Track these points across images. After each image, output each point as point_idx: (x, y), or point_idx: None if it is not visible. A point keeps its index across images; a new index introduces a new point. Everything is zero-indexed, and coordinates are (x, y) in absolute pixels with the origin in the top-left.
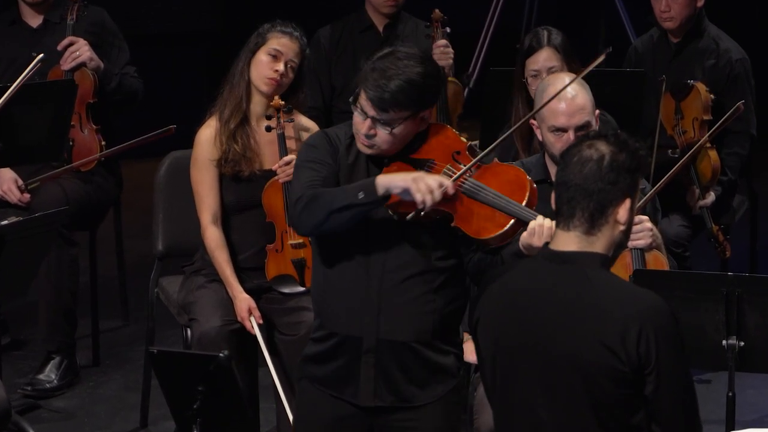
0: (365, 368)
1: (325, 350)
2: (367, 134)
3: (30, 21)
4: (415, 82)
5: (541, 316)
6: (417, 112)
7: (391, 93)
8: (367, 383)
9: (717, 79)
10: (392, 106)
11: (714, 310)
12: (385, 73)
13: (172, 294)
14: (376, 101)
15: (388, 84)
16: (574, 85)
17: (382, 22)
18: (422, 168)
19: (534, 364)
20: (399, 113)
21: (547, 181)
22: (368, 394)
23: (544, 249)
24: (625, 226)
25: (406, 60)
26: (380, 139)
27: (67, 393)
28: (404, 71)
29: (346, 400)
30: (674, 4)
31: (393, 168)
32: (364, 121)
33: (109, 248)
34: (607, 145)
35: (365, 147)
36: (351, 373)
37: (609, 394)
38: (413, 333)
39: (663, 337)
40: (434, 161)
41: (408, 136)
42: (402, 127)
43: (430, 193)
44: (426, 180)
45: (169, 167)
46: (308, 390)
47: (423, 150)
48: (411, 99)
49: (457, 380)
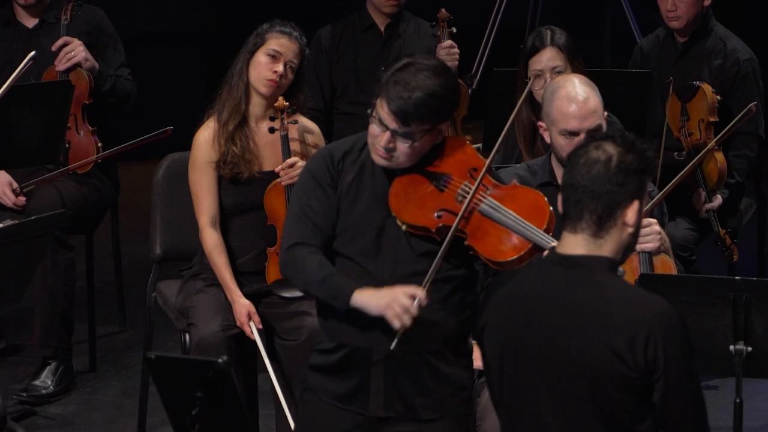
0: (375, 379)
1: (333, 362)
2: (386, 147)
3: (25, 22)
4: (438, 94)
5: (548, 321)
6: (437, 124)
7: (414, 106)
8: (377, 394)
9: (724, 79)
10: (415, 119)
11: (721, 314)
12: (408, 85)
13: (170, 298)
14: (400, 114)
15: (411, 96)
16: (585, 87)
17: (384, 21)
18: (439, 182)
19: (541, 370)
20: (421, 126)
21: (552, 184)
22: (378, 405)
23: (551, 252)
24: (633, 229)
25: (426, 72)
26: (399, 152)
27: (64, 399)
28: (426, 84)
29: (354, 411)
30: (681, 4)
31: (406, 180)
32: (383, 133)
33: (106, 252)
34: (615, 146)
35: (382, 159)
36: (361, 385)
37: (616, 401)
38: (423, 342)
39: (671, 342)
40: (451, 176)
41: (426, 149)
42: (422, 141)
43: (407, 313)
44: (399, 300)
45: (166, 169)
46: (312, 401)
47: (440, 164)
48: (433, 112)
49: (467, 392)
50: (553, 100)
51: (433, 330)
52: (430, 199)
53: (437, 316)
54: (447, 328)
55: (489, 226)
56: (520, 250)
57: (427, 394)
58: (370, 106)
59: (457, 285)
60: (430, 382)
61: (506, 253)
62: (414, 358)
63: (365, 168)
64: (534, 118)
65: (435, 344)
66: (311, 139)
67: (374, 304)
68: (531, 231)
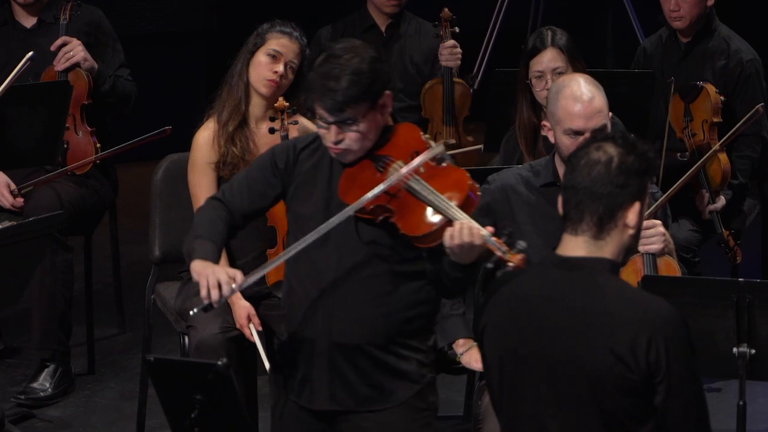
0: (318, 371)
1: (285, 354)
2: (336, 141)
3: (23, 21)
4: (362, 70)
5: (548, 323)
6: (375, 100)
7: (342, 91)
8: (321, 387)
9: (727, 80)
10: (348, 103)
11: (724, 316)
12: (330, 74)
13: (169, 300)
14: (331, 105)
15: (337, 84)
16: (590, 86)
17: (385, 22)
18: (378, 163)
19: (541, 372)
20: (357, 108)
21: (556, 184)
22: (324, 399)
23: (552, 254)
24: (634, 231)
25: (345, 55)
26: (350, 140)
27: (62, 402)
28: (347, 65)
29: (303, 406)
30: (684, 4)
31: (355, 165)
32: (328, 129)
33: (104, 253)
34: (616, 147)
35: (338, 155)
36: (306, 377)
37: (618, 404)
38: (365, 336)
39: (673, 345)
40: (390, 158)
41: (376, 129)
42: (366, 121)
43: (216, 288)
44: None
45: (166, 170)
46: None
47: (386, 147)
48: (363, 89)
49: (420, 386)
50: (558, 99)
51: (376, 324)
52: (370, 180)
53: (382, 311)
54: (391, 323)
55: (413, 204)
56: (433, 225)
57: (375, 386)
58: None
59: (407, 281)
60: (377, 375)
61: (421, 228)
62: (357, 350)
63: (324, 158)
64: (535, 120)
65: (378, 338)
66: None
67: (197, 270)
68: (444, 206)
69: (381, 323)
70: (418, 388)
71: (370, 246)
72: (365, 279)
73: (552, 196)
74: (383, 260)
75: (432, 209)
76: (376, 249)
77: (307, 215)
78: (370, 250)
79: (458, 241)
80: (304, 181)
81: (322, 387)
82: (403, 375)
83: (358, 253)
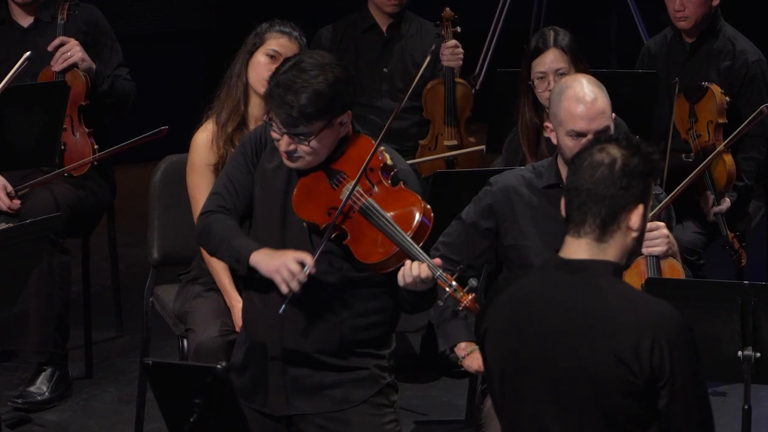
0: (273, 376)
1: (239, 357)
2: (287, 150)
3: (20, 21)
4: (322, 91)
5: (551, 326)
6: (331, 119)
7: (298, 108)
8: (277, 392)
9: (733, 80)
10: (302, 120)
11: (729, 319)
12: (290, 87)
13: (167, 303)
14: (285, 119)
15: (295, 99)
16: (593, 87)
17: (386, 21)
18: (333, 179)
19: (544, 376)
20: (311, 126)
21: (559, 186)
22: (280, 404)
23: (554, 257)
24: (637, 233)
25: (310, 70)
26: (302, 152)
27: (59, 406)
28: (310, 83)
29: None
30: (689, 4)
31: (310, 176)
32: (281, 138)
33: (102, 256)
34: (619, 148)
35: (290, 162)
36: (260, 382)
37: (621, 408)
38: (317, 344)
39: (677, 348)
40: (344, 174)
41: (330, 145)
42: (320, 138)
43: (294, 278)
44: (288, 265)
45: (164, 172)
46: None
47: (341, 160)
48: (321, 110)
49: (380, 385)
50: (561, 100)
51: (327, 332)
52: (324, 196)
53: (334, 319)
54: (344, 330)
55: (366, 228)
56: (384, 254)
57: (331, 391)
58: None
59: (363, 289)
60: (332, 380)
61: (373, 255)
62: (310, 358)
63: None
64: (537, 121)
65: (330, 347)
66: None
67: (265, 265)
68: (398, 236)
69: (332, 331)
70: (378, 388)
71: (324, 255)
72: (317, 287)
73: (554, 198)
74: (337, 268)
75: (384, 236)
76: (329, 258)
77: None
78: (323, 259)
79: (409, 279)
80: (260, 185)
81: (277, 392)
82: (358, 381)
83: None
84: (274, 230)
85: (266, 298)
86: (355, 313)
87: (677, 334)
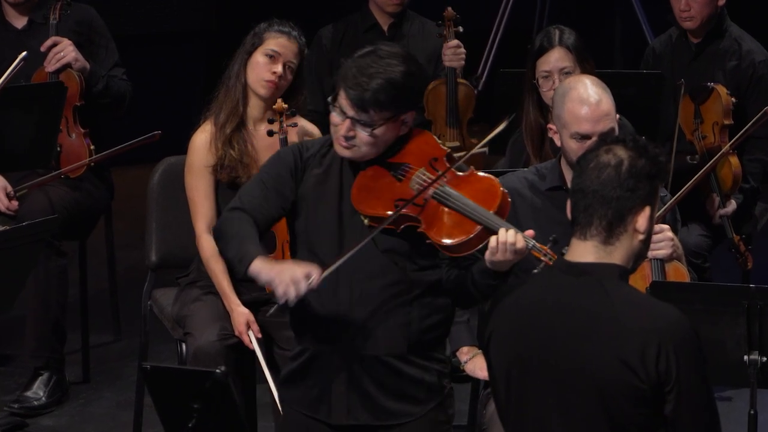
0: (336, 385)
1: (298, 367)
2: (346, 135)
3: (14, 22)
4: (397, 81)
5: (556, 330)
6: (398, 113)
7: (371, 92)
8: (339, 401)
9: (739, 81)
10: (372, 105)
11: (735, 323)
12: (366, 71)
13: (166, 307)
14: (356, 100)
15: (369, 82)
16: (597, 89)
17: (387, 21)
18: (397, 171)
19: (549, 381)
20: (379, 114)
21: (562, 188)
22: (341, 413)
23: (559, 260)
24: (644, 236)
25: (388, 59)
26: (360, 141)
27: (56, 411)
28: (386, 70)
29: (320, 420)
30: (694, 3)
31: (369, 173)
32: (343, 121)
33: (99, 259)
34: (626, 150)
35: (343, 149)
36: (323, 391)
37: (627, 413)
38: (385, 347)
39: (683, 353)
40: (409, 165)
41: (388, 140)
42: (382, 129)
43: (293, 285)
44: (291, 272)
45: (162, 174)
46: (288, 413)
47: (401, 154)
48: (392, 99)
49: (441, 398)
50: (565, 102)
51: (396, 334)
52: (388, 189)
53: (401, 320)
54: (412, 331)
55: (442, 213)
56: (468, 233)
57: (395, 399)
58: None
59: (426, 289)
60: (397, 387)
61: (453, 236)
62: (376, 361)
63: (333, 165)
64: (542, 121)
65: (398, 348)
66: None
67: (266, 271)
68: (480, 214)
69: (400, 333)
70: (439, 400)
71: (388, 254)
72: (382, 288)
73: (558, 200)
74: (400, 269)
75: (465, 217)
76: (393, 257)
77: (318, 225)
78: (387, 258)
79: (502, 249)
80: (311, 191)
81: (339, 401)
82: (424, 386)
83: (375, 261)
84: (331, 233)
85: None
86: (421, 314)
87: (684, 338)
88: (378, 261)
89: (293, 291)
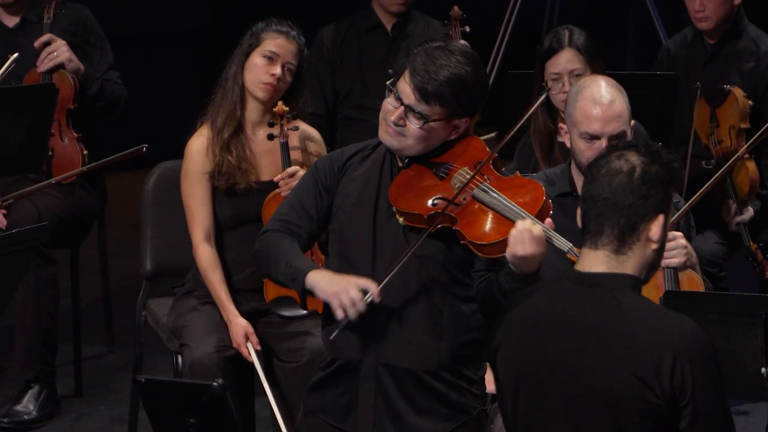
0: (364, 395)
1: (326, 377)
2: (396, 123)
3: (6, 21)
4: (464, 79)
5: (566, 343)
6: (454, 115)
7: (437, 83)
8: (366, 412)
9: (757, 83)
10: (434, 97)
11: (752, 335)
12: (437, 61)
13: (161, 317)
14: (420, 88)
15: (437, 72)
16: (612, 89)
17: (391, 21)
18: (438, 171)
19: (559, 395)
20: (438, 108)
21: (572, 194)
22: (367, 424)
23: (570, 270)
24: (657, 245)
25: (459, 56)
26: (409, 132)
27: (47, 425)
28: (456, 65)
29: (345, 431)
30: (709, 3)
31: (411, 171)
32: (396, 109)
33: (92, 267)
34: (638, 155)
35: (389, 136)
36: (351, 401)
37: (639, 429)
38: (416, 360)
39: (699, 367)
40: (452, 164)
41: (436, 140)
42: (434, 126)
43: (353, 306)
44: (348, 292)
45: (157, 180)
46: (313, 424)
47: (446, 155)
48: (454, 95)
49: (467, 418)
50: (577, 100)
51: (429, 348)
52: (429, 187)
53: (434, 333)
54: (444, 346)
55: (480, 211)
56: (505, 233)
57: (423, 415)
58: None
59: (461, 303)
60: (426, 402)
61: (489, 236)
62: (406, 374)
63: (374, 166)
64: (551, 125)
65: (429, 365)
66: (313, 147)
67: (322, 289)
68: (519, 215)
69: (433, 347)
70: (463, 420)
71: (422, 260)
72: (417, 298)
73: (568, 207)
74: (435, 279)
75: (504, 217)
76: (428, 264)
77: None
78: (421, 264)
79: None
80: (348, 193)
81: (367, 412)
82: (453, 406)
83: (410, 268)
84: (365, 235)
85: None
86: (455, 330)
87: (699, 351)
88: (413, 268)
89: (353, 312)
